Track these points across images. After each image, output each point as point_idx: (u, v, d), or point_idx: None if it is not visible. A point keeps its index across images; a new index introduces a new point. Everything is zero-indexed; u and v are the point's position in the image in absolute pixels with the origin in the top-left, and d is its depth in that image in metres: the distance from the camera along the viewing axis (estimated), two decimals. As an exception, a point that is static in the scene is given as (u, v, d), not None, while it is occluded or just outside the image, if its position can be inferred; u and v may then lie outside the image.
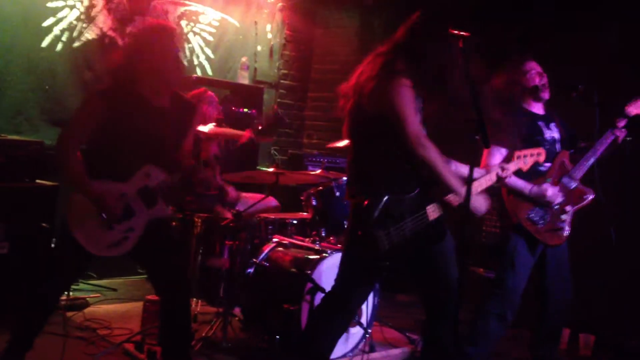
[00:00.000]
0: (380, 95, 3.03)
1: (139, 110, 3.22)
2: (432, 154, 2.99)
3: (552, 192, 3.80)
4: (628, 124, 3.86)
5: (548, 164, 3.86)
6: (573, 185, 3.90)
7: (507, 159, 3.69)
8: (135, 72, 3.23)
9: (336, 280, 3.27)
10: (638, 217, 4.61)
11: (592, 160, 3.87)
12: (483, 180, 3.29)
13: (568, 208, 3.89)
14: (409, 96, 3.02)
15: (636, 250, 4.62)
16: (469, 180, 2.78)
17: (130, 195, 3.21)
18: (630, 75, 4.81)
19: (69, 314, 4.49)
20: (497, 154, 3.80)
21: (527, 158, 3.50)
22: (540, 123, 3.95)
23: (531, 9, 5.47)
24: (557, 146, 3.96)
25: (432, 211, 3.14)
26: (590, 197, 3.92)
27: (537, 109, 3.99)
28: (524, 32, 5.40)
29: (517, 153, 3.50)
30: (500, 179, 3.37)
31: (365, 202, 3.07)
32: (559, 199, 3.84)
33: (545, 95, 3.93)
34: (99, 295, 5.12)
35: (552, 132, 3.96)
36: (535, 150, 3.54)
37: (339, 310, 3.25)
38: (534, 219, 3.82)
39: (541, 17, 5.44)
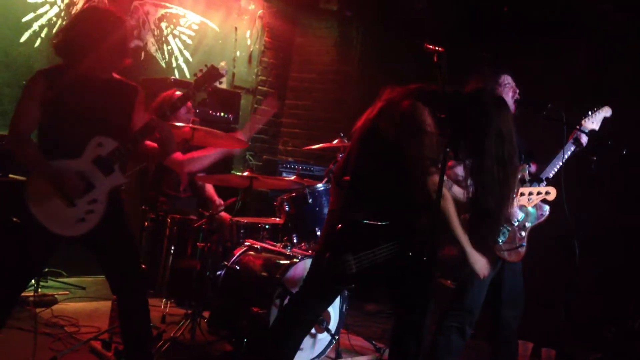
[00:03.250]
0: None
1: (80, 84, 3.22)
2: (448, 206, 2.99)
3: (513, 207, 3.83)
4: (589, 139, 3.94)
5: None
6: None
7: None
8: (76, 49, 3.23)
9: (303, 284, 3.31)
10: (600, 232, 4.74)
11: (552, 174, 3.94)
12: None
13: (527, 225, 3.96)
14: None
15: (597, 266, 4.74)
16: (438, 192, 2.82)
17: (87, 170, 3.19)
18: (595, 94, 4.99)
19: (37, 310, 4.48)
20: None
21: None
22: None
23: (502, 30, 5.63)
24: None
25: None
26: (547, 213, 4.00)
27: None
28: (496, 51, 5.55)
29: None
30: None
31: (339, 227, 3.08)
32: (519, 215, 3.90)
33: (515, 110, 3.98)
34: (67, 293, 5.11)
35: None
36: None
37: (302, 313, 3.28)
38: None
39: (512, 38, 5.60)
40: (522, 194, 3.53)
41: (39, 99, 3.17)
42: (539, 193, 3.56)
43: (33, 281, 4.69)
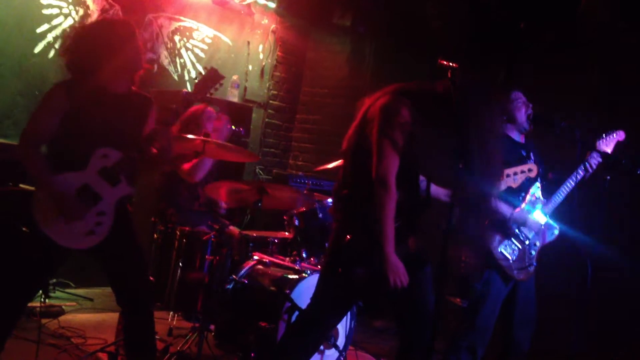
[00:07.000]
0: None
1: (98, 99, 3.20)
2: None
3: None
4: (603, 159, 3.91)
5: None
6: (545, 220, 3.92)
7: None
8: (89, 63, 3.21)
9: (311, 300, 3.28)
10: (612, 251, 4.68)
11: (564, 196, 3.91)
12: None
13: (537, 244, 3.92)
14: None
15: (610, 288, 4.69)
16: (451, 205, 2.79)
17: (92, 181, 3.17)
18: (608, 114, 4.97)
19: (44, 320, 4.46)
20: None
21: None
22: (522, 151, 3.96)
23: (516, 48, 5.63)
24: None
25: (412, 243, 3.10)
26: (557, 233, 3.96)
27: (518, 138, 4.00)
28: (509, 69, 5.55)
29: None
30: None
31: (348, 238, 3.04)
32: (533, 231, 3.86)
33: (529, 126, 3.97)
34: (75, 304, 5.10)
35: (532, 162, 3.99)
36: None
37: (312, 330, 3.23)
38: (505, 252, 3.81)
39: (525, 56, 5.60)
40: (508, 175, 3.51)
41: (57, 111, 3.14)
42: (522, 172, 3.55)
43: (40, 291, 4.68)
